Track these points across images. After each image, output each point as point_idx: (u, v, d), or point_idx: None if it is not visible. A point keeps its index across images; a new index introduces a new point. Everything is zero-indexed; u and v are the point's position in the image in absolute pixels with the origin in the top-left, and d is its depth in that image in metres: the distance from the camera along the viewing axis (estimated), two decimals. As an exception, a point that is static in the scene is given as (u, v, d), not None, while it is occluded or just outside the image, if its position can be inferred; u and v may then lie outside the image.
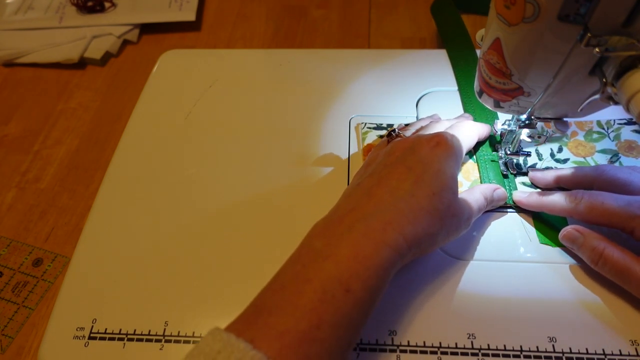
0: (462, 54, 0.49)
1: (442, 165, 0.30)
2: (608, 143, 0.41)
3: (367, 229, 0.27)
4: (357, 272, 0.25)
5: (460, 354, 0.30)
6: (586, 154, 0.40)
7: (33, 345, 0.35)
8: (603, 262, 0.31)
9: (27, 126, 0.50)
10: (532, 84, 0.30)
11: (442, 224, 0.29)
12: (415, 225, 0.27)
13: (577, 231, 0.33)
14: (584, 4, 0.24)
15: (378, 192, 0.29)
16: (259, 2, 0.62)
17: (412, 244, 0.27)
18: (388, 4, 0.60)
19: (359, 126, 0.44)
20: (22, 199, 0.43)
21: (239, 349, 0.22)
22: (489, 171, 0.39)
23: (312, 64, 0.50)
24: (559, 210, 0.34)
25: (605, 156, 0.40)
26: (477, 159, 0.40)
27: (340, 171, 0.40)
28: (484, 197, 0.34)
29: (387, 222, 0.27)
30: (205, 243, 0.36)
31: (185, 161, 0.42)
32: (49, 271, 0.39)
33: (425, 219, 0.28)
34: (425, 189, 0.29)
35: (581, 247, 0.32)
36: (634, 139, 0.41)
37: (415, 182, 0.29)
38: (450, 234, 0.30)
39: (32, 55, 0.55)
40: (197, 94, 0.47)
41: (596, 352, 0.30)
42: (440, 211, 0.29)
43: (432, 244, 0.29)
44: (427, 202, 0.28)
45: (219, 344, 0.22)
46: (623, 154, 0.40)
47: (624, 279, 0.30)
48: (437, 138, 0.31)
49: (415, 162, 0.30)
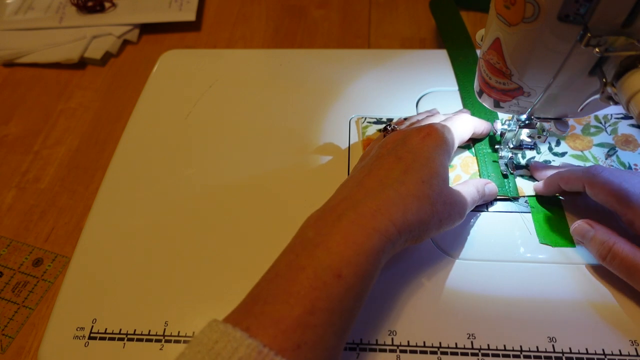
0: (462, 54, 0.49)
1: (432, 154, 0.31)
2: (605, 137, 0.41)
3: (356, 216, 0.27)
4: (347, 258, 0.25)
5: (460, 354, 0.30)
6: (584, 147, 0.41)
7: (33, 345, 0.35)
8: (612, 257, 0.31)
9: (27, 126, 0.50)
10: (532, 84, 0.30)
11: (433, 210, 0.29)
12: (404, 211, 0.28)
13: (588, 224, 0.33)
14: (584, 4, 0.24)
15: (368, 181, 0.30)
16: (259, 2, 0.62)
17: (402, 230, 0.28)
18: (388, 4, 0.60)
19: (359, 120, 0.44)
20: (23, 199, 0.43)
21: (235, 338, 0.22)
22: (487, 165, 0.39)
23: (312, 64, 0.50)
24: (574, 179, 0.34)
25: (603, 149, 0.40)
26: (476, 153, 0.41)
27: (340, 169, 0.40)
28: (476, 189, 0.34)
29: (376, 209, 0.27)
30: (205, 243, 0.36)
31: (185, 161, 0.42)
32: (49, 271, 0.39)
33: (414, 205, 0.28)
34: (414, 176, 0.29)
35: (591, 240, 0.32)
36: (630, 133, 0.41)
37: (404, 170, 0.30)
38: (444, 222, 0.30)
39: (32, 55, 0.55)
40: (197, 94, 0.47)
41: (596, 352, 0.30)
42: (430, 197, 0.29)
43: (425, 231, 0.29)
44: (416, 189, 0.29)
45: (216, 334, 0.23)
46: (620, 148, 0.40)
47: (631, 275, 0.30)
48: (427, 129, 0.32)
49: (406, 152, 0.31)
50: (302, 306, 0.24)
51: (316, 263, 0.25)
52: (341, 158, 0.41)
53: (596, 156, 0.40)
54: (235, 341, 0.22)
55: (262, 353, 0.22)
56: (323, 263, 0.25)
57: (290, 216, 0.37)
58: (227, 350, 0.22)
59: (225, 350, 0.22)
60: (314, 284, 0.24)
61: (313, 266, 0.25)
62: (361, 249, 0.26)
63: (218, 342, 0.22)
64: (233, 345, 0.22)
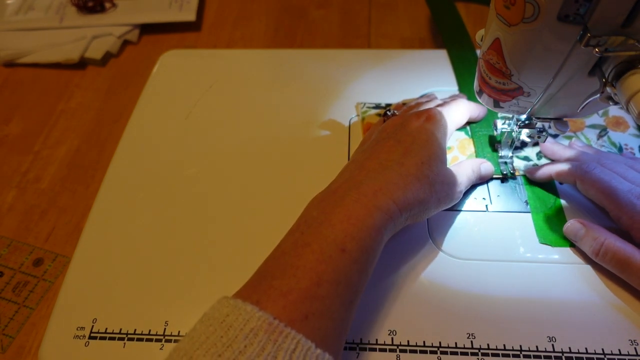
0: (462, 54, 0.49)
1: (430, 137, 0.32)
2: (597, 119, 0.43)
3: (358, 195, 0.28)
4: (351, 234, 0.26)
5: (460, 353, 0.30)
6: (576, 129, 0.42)
7: (33, 344, 0.35)
8: (604, 252, 0.31)
9: (27, 126, 0.50)
10: (532, 84, 0.30)
11: (432, 190, 0.30)
12: (405, 190, 0.29)
13: (580, 223, 0.34)
14: (584, 4, 0.24)
15: (369, 164, 0.31)
16: (259, 2, 0.62)
17: (403, 208, 0.29)
18: (388, 4, 0.60)
19: (359, 105, 0.45)
20: (23, 199, 0.43)
21: (245, 311, 0.23)
22: (484, 146, 0.41)
23: (312, 64, 0.50)
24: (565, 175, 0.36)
25: (594, 131, 0.42)
26: (472, 134, 0.42)
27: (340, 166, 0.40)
28: (472, 169, 0.36)
29: (378, 189, 0.29)
30: (205, 243, 0.36)
31: (185, 161, 0.42)
32: (49, 271, 0.39)
33: (414, 185, 0.29)
34: (413, 157, 0.31)
35: (583, 237, 0.33)
36: (621, 115, 0.43)
37: (403, 153, 0.31)
38: (442, 201, 0.32)
39: (32, 55, 0.55)
40: (197, 94, 0.48)
41: (595, 351, 0.30)
42: (429, 178, 0.30)
43: (424, 210, 0.31)
44: (415, 170, 0.30)
45: (227, 308, 0.24)
46: (611, 129, 0.42)
47: (624, 269, 0.31)
48: (425, 113, 0.34)
49: (405, 135, 0.32)
50: (309, 279, 0.25)
51: (321, 239, 0.26)
52: (341, 158, 0.41)
53: (588, 137, 0.41)
54: (247, 314, 0.23)
55: (273, 325, 0.23)
56: (328, 238, 0.26)
57: (291, 216, 0.37)
58: (238, 323, 0.23)
59: (236, 323, 0.23)
60: (319, 257, 0.25)
61: (318, 242, 0.26)
62: (364, 225, 0.27)
63: (229, 316, 0.23)
64: (244, 318, 0.23)
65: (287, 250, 0.27)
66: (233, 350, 0.22)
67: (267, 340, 0.22)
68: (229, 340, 0.22)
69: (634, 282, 0.31)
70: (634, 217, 0.32)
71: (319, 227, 0.27)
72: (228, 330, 0.23)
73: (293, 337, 0.22)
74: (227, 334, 0.22)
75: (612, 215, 0.34)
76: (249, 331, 0.22)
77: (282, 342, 0.22)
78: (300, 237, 0.27)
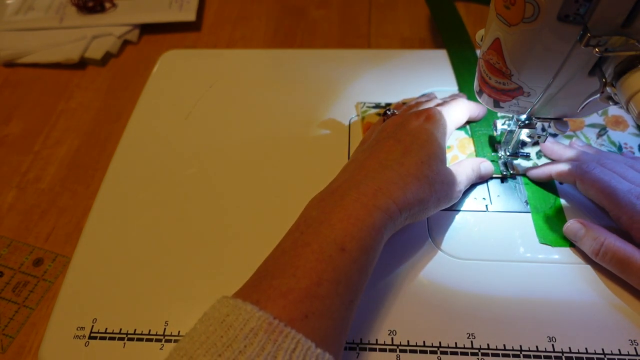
0: (462, 54, 0.49)
1: (430, 136, 0.32)
2: (596, 118, 0.43)
3: (358, 195, 0.28)
4: (351, 233, 0.26)
5: (460, 353, 0.30)
6: (575, 128, 0.42)
7: (33, 344, 0.35)
8: (604, 252, 0.31)
9: (27, 126, 0.50)
10: (532, 84, 0.30)
11: (432, 189, 0.30)
12: (404, 190, 0.29)
13: (580, 223, 0.34)
14: (584, 4, 0.24)
15: (369, 163, 0.31)
16: (259, 2, 0.62)
17: (403, 208, 0.29)
18: (388, 4, 0.60)
19: (359, 105, 0.45)
20: (23, 199, 0.43)
21: (245, 311, 0.23)
22: (483, 145, 0.41)
23: (312, 64, 0.50)
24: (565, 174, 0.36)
25: (594, 130, 0.42)
26: (472, 133, 0.42)
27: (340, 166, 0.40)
28: (471, 168, 0.36)
29: (377, 188, 0.29)
30: (205, 243, 0.36)
31: (185, 161, 0.42)
32: (49, 271, 0.39)
33: (414, 184, 0.29)
34: (413, 157, 0.31)
35: (583, 237, 0.33)
36: (620, 114, 0.43)
37: (403, 152, 0.31)
38: (441, 201, 0.32)
39: (32, 55, 0.55)
40: (197, 94, 0.48)
41: (595, 351, 0.30)
42: (429, 178, 0.30)
43: (424, 210, 0.31)
44: (415, 169, 0.30)
45: (227, 308, 0.24)
46: (610, 128, 0.42)
47: (624, 269, 0.31)
48: (425, 113, 0.34)
49: (405, 135, 0.32)
50: (308, 278, 0.25)
51: (321, 238, 0.26)
52: (341, 158, 0.41)
53: (588, 136, 0.41)
54: (246, 313, 0.23)
55: (273, 324, 0.23)
56: (327, 238, 0.26)
57: (291, 216, 0.37)
58: (238, 322, 0.23)
59: (236, 322, 0.23)
60: (319, 257, 0.25)
61: (318, 241, 0.26)
62: (363, 225, 0.27)
63: (229, 315, 0.23)
64: (244, 318, 0.23)
65: (287, 249, 0.27)
66: (233, 350, 0.22)
67: (267, 340, 0.22)
68: (229, 340, 0.22)
69: (634, 282, 0.31)
70: (634, 217, 0.32)
71: (318, 227, 0.27)
72: (228, 330, 0.23)
73: (293, 337, 0.22)
74: (227, 334, 0.23)
75: (611, 215, 0.34)
76: (249, 331, 0.22)
77: (282, 342, 0.22)
78: (300, 237, 0.27)
